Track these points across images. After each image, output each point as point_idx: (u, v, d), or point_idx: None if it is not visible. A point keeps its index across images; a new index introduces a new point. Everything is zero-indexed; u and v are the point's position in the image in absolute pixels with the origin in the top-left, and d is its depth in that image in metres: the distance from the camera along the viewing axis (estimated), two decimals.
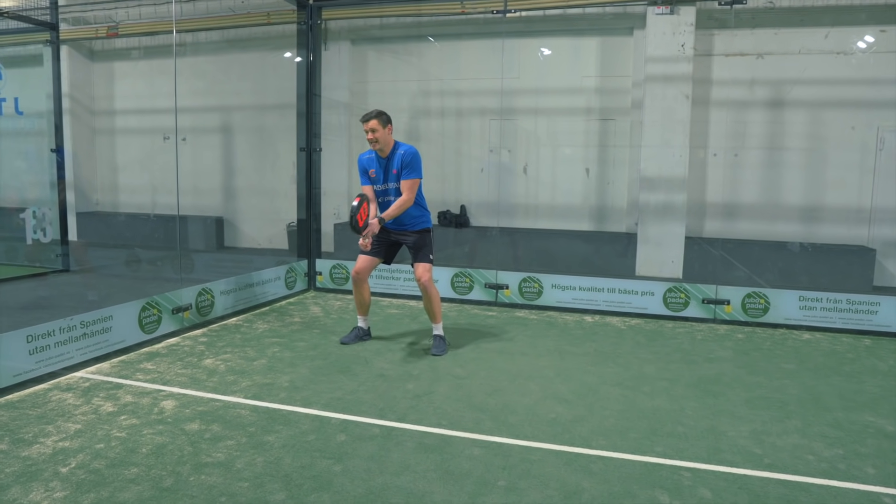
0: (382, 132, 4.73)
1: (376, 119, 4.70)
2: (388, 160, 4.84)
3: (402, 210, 4.79)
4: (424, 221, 5.01)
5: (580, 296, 6.36)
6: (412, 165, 4.77)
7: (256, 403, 3.86)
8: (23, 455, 3.14)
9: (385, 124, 4.75)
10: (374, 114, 4.72)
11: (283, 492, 2.83)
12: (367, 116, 4.73)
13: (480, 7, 7.92)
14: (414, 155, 4.79)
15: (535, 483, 2.95)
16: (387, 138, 4.78)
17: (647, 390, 4.21)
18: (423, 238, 4.97)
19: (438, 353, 4.91)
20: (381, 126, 4.72)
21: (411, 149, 4.81)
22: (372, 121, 4.70)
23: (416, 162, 4.79)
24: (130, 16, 10.03)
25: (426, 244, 4.97)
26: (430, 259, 4.98)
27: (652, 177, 7.71)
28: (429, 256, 4.97)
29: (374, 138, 4.72)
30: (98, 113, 10.87)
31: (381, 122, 4.71)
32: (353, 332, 5.28)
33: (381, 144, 4.76)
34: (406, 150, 4.79)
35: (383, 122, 4.74)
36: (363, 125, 4.74)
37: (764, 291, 5.94)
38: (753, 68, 7.79)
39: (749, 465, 3.16)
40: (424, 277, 4.88)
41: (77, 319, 4.41)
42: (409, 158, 4.77)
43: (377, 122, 4.70)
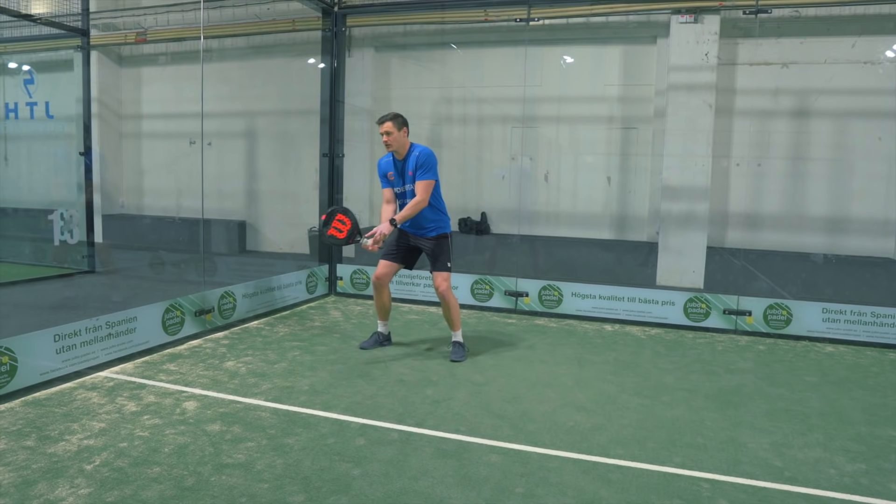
0: (397, 134, 4.72)
1: (391, 122, 4.71)
2: (404, 162, 4.81)
3: (416, 211, 4.74)
4: (443, 227, 4.96)
5: (600, 304, 6.34)
6: (426, 166, 4.73)
7: (277, 406, 3.91)
8: (49, 452, 3.21)
9: (400, 127, 4.75)
10: (389, 116, 4.73)
11: (303, 494, 2.86)
12: (383, 119, 4.74)
13: (504, 15, 7.95)
14: (428, 156, 4.76)
15: (553, 491, 2.95)
16: (401, 140, 4.77)
17: (666, 400, 4.19)
18: (440, 245, 4.93)
19: (457, 359, 4.90)
20: (396, 128, 4.72)
21: (426, 150, 4.79)
22: (387, 123, 4.71)
23: (429, 162, 4.75)
24: (159, 22, 10.21)
25: (444, 251, 4.92)
26: (448, 267, 4.93)
27: (674, 186, 7.66)
28: (447, 265, 4.92)
29: (389, 141, 4.72)
30: (125, 117, 11.06)
31: (395, 125, 4.72)
32: (372, 337, 5.29)
33: (396, 146, 4.76)
34: (421, 152, 4.76)
35: (398, 124, 4.74)
36: (379, 127, 4.75)
37: (786, 303, 5.88)
38: (778, 78, 7.73)
39: (769, 477, 3.13)
40: (442, 287, 4.87)
41: (103, 320, 4.49)
42: (423, 159, 4.73)
43: (392, 124, 4.71)
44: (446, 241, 4.95)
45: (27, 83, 8.75)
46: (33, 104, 8.78)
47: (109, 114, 10.87)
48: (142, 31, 10.28)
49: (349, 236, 4.68)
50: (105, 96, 10.69)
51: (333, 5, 7.00)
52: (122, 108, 11.05)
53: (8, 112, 8.99)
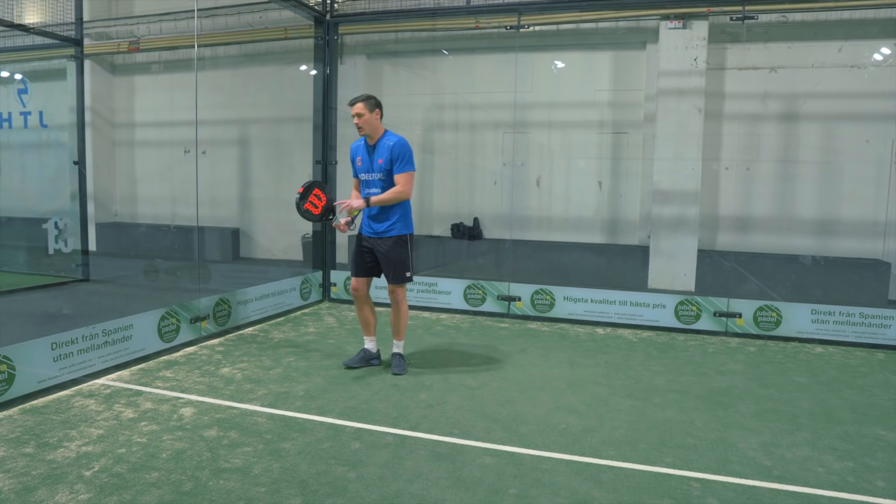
0: (369, 116, 4.46)
1: (363, 102, 4.45)
2: (375, 148, 4.55)
3: (397, 199, 4.49)
4: (403, 227, 4.62)
5: (592, 308, 6.40)
6: (403, 157, 4.48)
7: (272, 411, 3.95)
8: (48, 458, 3.24)
9: (372, 108, 4.48)
10: (361, 97, 4.48)
11: (300, 497, 2.90)
12: (354, 100, 4.50)
13: (494, 22, 8.02)
14: (404, 146, 4.50)
15: (546, 492, 3.00)
16: (374, 123, 4.51)
17: (657, 402, 4.25)
18: (398, 250, 4.59)
19: (399, 371, 4.69)
20: (368, 110, 4.46)
21: (401, 139, 4.51)
22: (358, 104, 4.46)
23: (406, 153, 4.50)
24: (151, 31, 10.25)
25: (402, 259, 4.60)
26: (407, 277, 4.64)
27: (664, 190, 7.75)
28: (405, 275, 4.63)
29: (360, 123, 4.47)
30: (118, 125, 11.08)
31: (367, 106, 4.46)
32: (359, 354, 4.93)
33: (368, 130, 4.50)
34: (396, 142, 4.49)
35: (370, 105, 4.47)
36: (350, 108, 4.51)
37: (776, 304, 5.95)
38: (766, 82, 7.83)
39: (758, 476, 3.19)
40: (399, 293, 4.67)
41: (99, 328, 4.52)
42: (399, 150, 4.47)
43: (363, 105, 4.45)
44: (405, 246, 4.63)
45: (21, 93, 8.77)
46: (27, 114, 8.80)
47: (102, 122, 10.89)
48: (135, 39, 10.32)
49: (323, 213, 4.62)
50: (98, 105, 10.72)
51: (325, 14, 7.06)
52: (115, 116, 11.08)
53: (1, 122, 9.00)
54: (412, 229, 4.69)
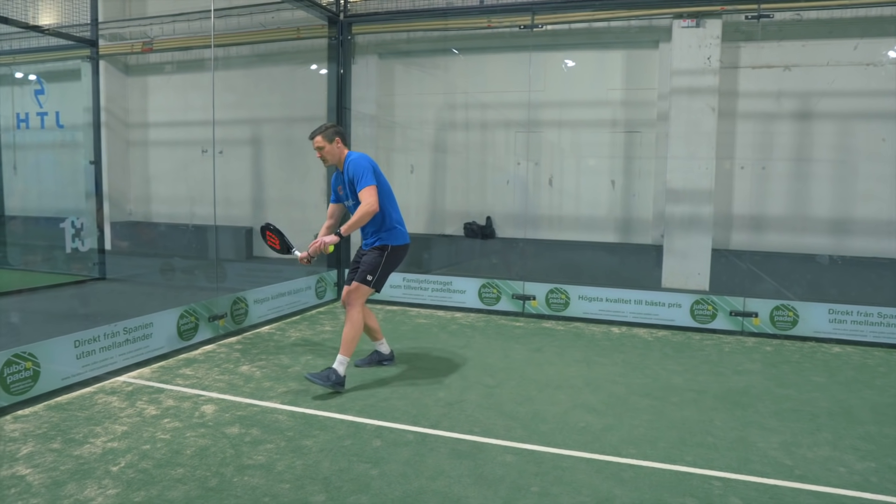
0: (330, 147, 4.39)
1: (320, 135, 4.39)
2: (345, 173, 4.45)
3: (362, 220, 4.24)
4: (384, 239, 4.47)
5: (607, 307, 6.40)
6: (358, 174, 4.29)
7: (293, 409, 3.98)
8: (75, 454, 3.28)
9: (331, 139, 4.39)
10: (319, 129, 4.42)
11: (323, 493, 2.93)
12: (312, 133, 4.43)
13: (507, 21, 8.03)
14: (357, 163, 4.32)
15: (568, 489, 3.01)
16: (336, 153, 4.42)
17: (675, 401, 4.25)
18: (372, 256, 4.45)
19: (313, 379, 4.22)
20: (327, 141, 4.38)
21: (355, 157, 4.37)
22: (316, 137, 4.40)
23: (360, 169, 4.29)
24: (164, 32, 10.31)
25: (373, 263, 4.42)
26: (368, 280, 4.40)
27: (678, 189, 7.73)
28: (366, 277, 4.40)
29: (322, 156, 4.42)
30: (132, 125, 11.16)
31: (325, 138, 4.38)
32: (371, 354, 4.93)
33: (332, 161, 4.44)
34: (350, 161, 4.38)
35: (329, 137, 4.39)
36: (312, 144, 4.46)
37: (793, 304, 5.94)
38: (780, 80, 7.80)
39: (780, 475, 3.20)
40: (351, 295, 4.41)
41: (120, 326, 4.57)
42: (353, 168, 4.33)
43: (321, 137, 4.39)
44: (381, 254, 4.44)
45: (38, 93, 8.85)
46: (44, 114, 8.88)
47: (116, 122, 10.97)
48: (148, 40, 10.39)
49: (283, 249, 4.59)
50: (112, 105, 10.80)
51: (339, 14, 7.09)
52: (128, 116, 11.15)
53: (19, 122, 9.09)
54: (398, 242, 4.50)
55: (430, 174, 9.31)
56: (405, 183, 9.29)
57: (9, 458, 3.23)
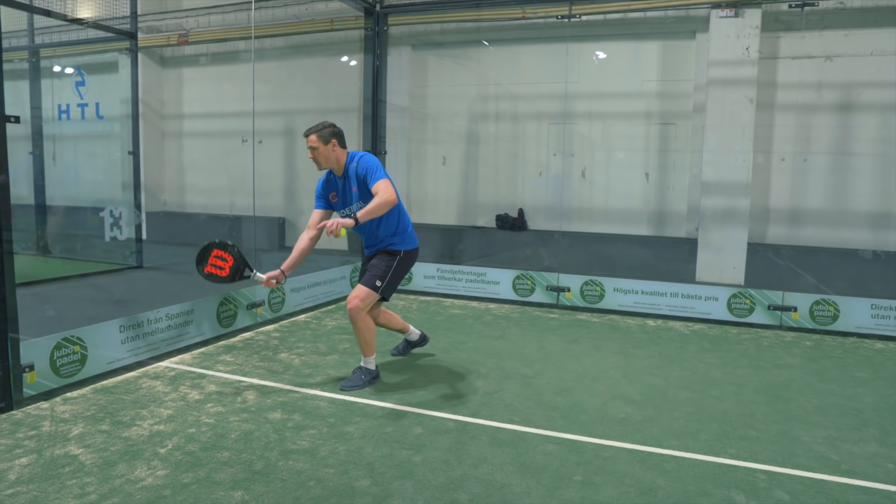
0: (324, 149, 4.02)
1: (315, 134, 4.01)
2: (345, 179, 4.12)
3: (383, 207, 3.84)
4: (400, 243, 4.22)
5: (642, 300, 6.36)
6: (370, 171, 3.97)
7: (333, 396, 4.02)
8: (123, 435, 3.35)
9: (328, 140, 4.01)
10: (315, 128, 4.03)
11: (368, 479, 2.96)
12: (308, 130, 4.05)
13: (541, 12, 7.98)
14: (367, 159, 4.03)
15: (611, 479, 3.01)
16: (330, 156, 4.05)
17: (715, 394, 4.21)
18: (384, 260, 4.17)
19: (346, 387, 4.13)
20: (322, 142, 4.01)
21: (362, 156, 4.08)
22: (311, 136, 4.02)
23: (372, 165, 3.99)
24: (200, 24, 10.43)
25: (383, 267, 4.14)
26: (376, 286, 4.11)
27: (714, 181, 7.63)
28: (374, 282, 4.11)
29: (314, 157, 4.06)
30: (167, 117, 11.32)
31: (320, 138, 4.01)
32: (402, 342, 4.89)
33: (325, 165, 4.08)
34: (358, 160, 4.05)
35: (324, 137, 4.01)
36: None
37: (833, 299, 5.84)
38: (821, 71, 7.65)
39: (826, 470, 3.15)
40: (352, 303, 4.07)
41: (163, 312, 4.65)
42: (363, 166, 4.00)
43: (316, 137, 4.01)
44: (392, 259, 4.17)
45: (78, 85, 9.02)
46: (84, 105, 9.05)
47: (152, 114, 11.13)
48: (184, 32, 10.51)
49: (233, 273, 4.08)
50: (148, 97, 10.95)
51: (375, 4, 7.10)
52: (164, 108, 11.31)
53: (60, 113, 9.27)
54: (411, 247, 4.27)
55: (463, 166, 9.30)
56: (437, 174, 9.30)
57: (61, 438, 3.32)
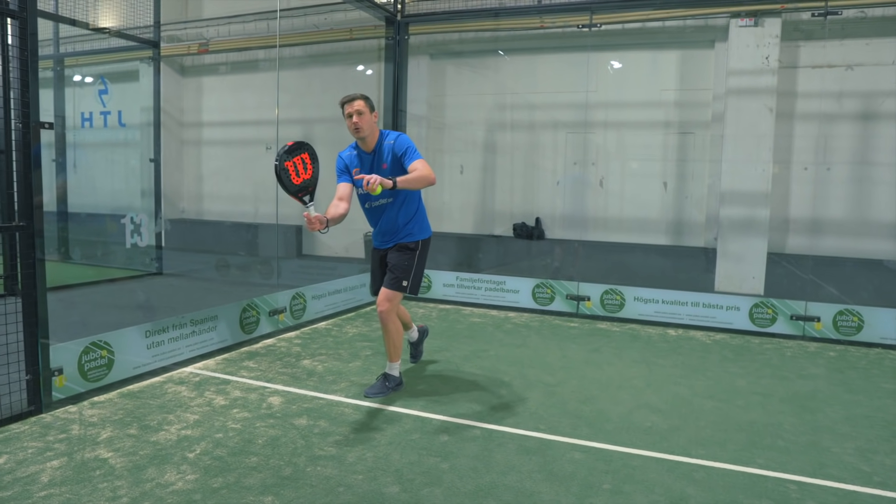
0: (369, 117, 3.92)
1: (363, 100, 3.91)
2: (375, 154, 4.01)
3: (423, 181, 3.74)
4: (416, 233, 4.12)
5: (663, 309, 6.33)
6: (409, 149, 3.90)
7: (358, 403, 4.02)
8: (152, 440, 3.38)
9: (372, 108, 3.97)
10: (358, 94, 3.93)
11: (397, 485, 2.96)
12: (352, 97, 3.92)
13: (560, 22, 8.00)
14: (404, 139, 3.96)
15: (640, 488, 2.99)
16: (373, 126, 3.97)
17: (740, 404, 4.18)
18: (405, 256, 4.06)
19: (371, 393, 4.12)
20: (368, 109, 3.92)
21: (400, 133, 4.02)
22: (358, 101, 3.89)
23: (411, 144, 3.94)
24: (220, 33, 10.54)
25: (406, 266, 4.04)
26: (403, 287, 4.02)
27: (733, 191, 7.60)
28: (401, 283, 4.02)
29: (359, 123, 3.88)
30: (186, 125, 11.43)
31: (368, 104, 3.92)
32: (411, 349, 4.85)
33: (366, 132, 3.93)
34: (396, 137, 3.97)
35: (370, 105, 3.95)
36: (345, 108, 3.94)
37: (857, 309, 5.79)
38: (842, 80, 7.61)
39: (858, 481, 3.12)
40: (383, 307, 4.00)
41: (188, 318, 4.68)
42: (402, 145, 3.92)
43: (364, 103, 3.90)
44: (414, 254, 4.08)
45: (101, 93, 9.14)
46: (107, 113, 9.16)
47: (171, 122, 11.23)
48: (204, 42, 10.63)
49: (300, 187, 3.74)
50: (168, 105, 11.05)
51: (397, 14, 7.16)
52: (183, 116, 11.42)
53: (83, 121, 9.39)
54: (429, 233, 4.20)
55: (480, 174, 9.32)
56: (455, 183, 9.31)
57: (91, 441, 3.34)
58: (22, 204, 3.52)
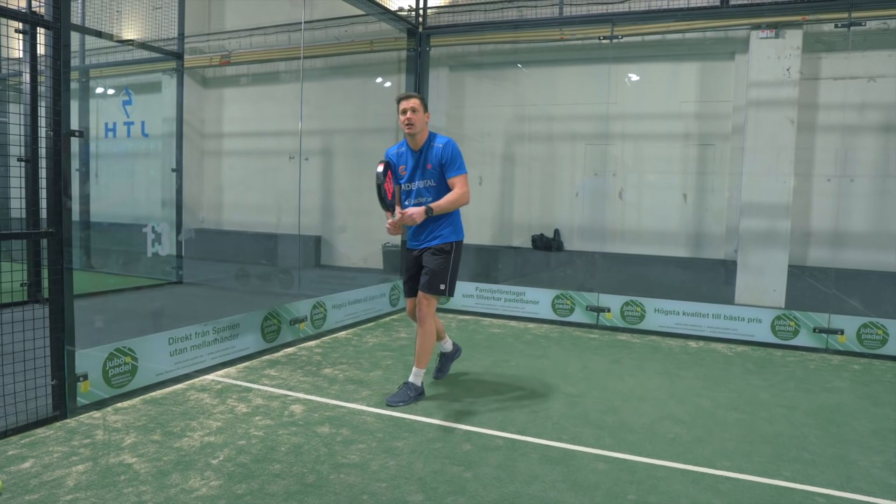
0: (421, 116, 4.11)
1: (418, 99, 4.12)
2: (422, 153, 4.18)
3: (457, 205, 4.12)
4: (451, 235, 4.23)
5: (684, 321, 6.29)
6: (455, 160, 4.11)
7: (380, 411, 4.03)
8: (175, 446, 3.40)
9: (426, 108, 4.17)
10: (416, 94, 4.21)
11: (420, 494, 2.95)
12: (408, 94, 4.15)
13: (580, 34, 8.02)
14: (456, 147, 4.15)
15: (665, 499, 2.96)
16: (424, 125, 4.15)
17: (764, 416, 4.14)
18: (440, 259, 4.16)
19: (393, 402, 4.14)
20: (423, 108, 4.13)
21: (451, 141, 4.17)
22: (414, 99, 4.10)
23: (459, 155, 4.14)
24: (242, 45, 10.68)
25: (443, 269, 4.15)
26: (441, 290, 4.14)
27: (753, 203, 7.55)
28: (439, 287, 4.13)
29: (413, 119, 4.07)
30: (207, 136, 11.56)
31: (422, 103, 4.14)
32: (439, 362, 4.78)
33: (418, 129, 4.11)
34: (446, 144, 4.14)
35: (424, 104, 4.16)
36: (401, 104, 4.11)
37: (882, 322, 5.71)
38: (864, 92, 7.56)
39: (888, 495, 3.07)
40: (423, 311, 4.15)
41: (210, 325, 4.72)
42: (451, 152, 4.11)
43: (419, 102, 4.11)
44: (448, 254, 4.19)
45: (125, 104, 9.27)
46: (130, 123, 9.29)
47: (192, 132, 11.37)
48: (226, 53, 10.77)
49: (392, 203, 4.24)
50: (189, 116, 11.18)
51: (418, 26, 7.21)
52: (204, 126, 11.56)
53: (107, 131, 9.53)
54: (462, 236, 4.31)
55: (499, 186, 9.33)
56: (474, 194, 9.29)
57: (115, 447, 3.37)
58: (51, 211, 3.57)
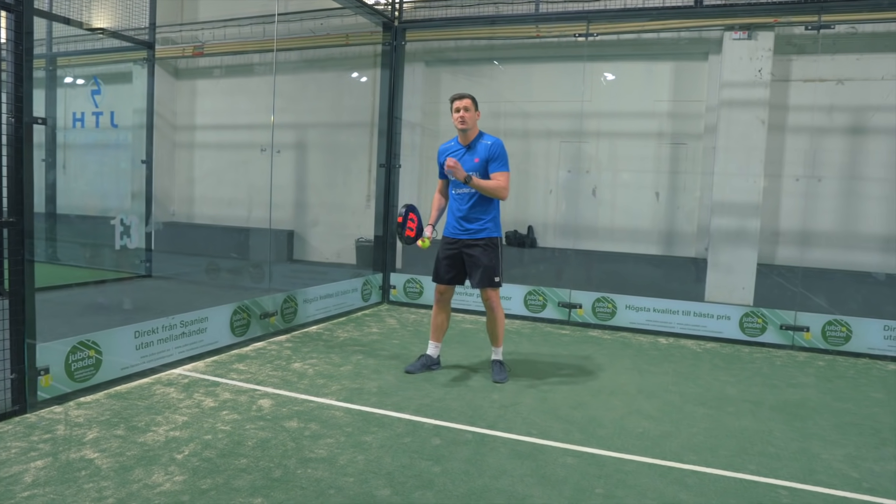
0: (473, 114, 4.50)
1: (471, 99, 4.49)
2: (470, 149, 4.56)
3: (494, 192, 4.45)
4: (494, 229, 4.60)
5: (654, 317, 6.34)
6: (501, 158, 4.48)
7: (349, 406, 4.00)
8: (139, 441, 3.33)
9: (477, 107, 4.54)
10: (468, 94, 4.53)
11: (388, 488, 2.93)
12: (461, 94, 4.50)
13: (556, 31, 8.05)
14: (502, 147, 4.51)
15: (633, 492, 2.98)
16: (475, 123, 4.54)
17: (731, 411, 4.19)
18: (489, 253, 4.54)
19: (500, 379, 4.60)
20: (475, 107, 4.52)
21: (499, 140, 4.53)
22: (467, 99, 4.47)
23: (505, 155, 4.50)
24: (215, 36, 10.52)
25: (493, 263, 4.54)
26: (497, 283, 4.58)
27: (724, 202, 7.64)
28: (494, 280, 4.55)
29: (466, 117, 4.45)
30: (179, 128, 11.38)
31: (474, 103, 4.51)
32: (420, 360, 4.85)
33: (469, 126, 4.48)
34: (494, 142, 4.51)
35: (476, 104, 4.53)
36: (454, 103, 4.49)
37: (846, 319, 5.82)
38: (833, 94, 7.69)
39: (848, 487, 3.12)
40: (493, 299, 4.60)
41: (178, 319, 4.64)
42: (497, 150, 4.48)
43: (471, 101, 4.49)
44: (496, 249, 4.58)
45: (94, 94, 9.08)
46: (99, 114, 9.10)
47: (163, 124, 11.18)
48: (199, 44, 10.60)
49: (418, 234, 4.71)
50: (161, 107, 11.00)
51: (394, 20, 7.17)
52: (176, 118, 11.38)
53: (75, 121, 9.33)
54: (501, 233, 4.67)
55: None
56: None
57: (76, 442, 3.30)
58: (12, 200, 3.48)
